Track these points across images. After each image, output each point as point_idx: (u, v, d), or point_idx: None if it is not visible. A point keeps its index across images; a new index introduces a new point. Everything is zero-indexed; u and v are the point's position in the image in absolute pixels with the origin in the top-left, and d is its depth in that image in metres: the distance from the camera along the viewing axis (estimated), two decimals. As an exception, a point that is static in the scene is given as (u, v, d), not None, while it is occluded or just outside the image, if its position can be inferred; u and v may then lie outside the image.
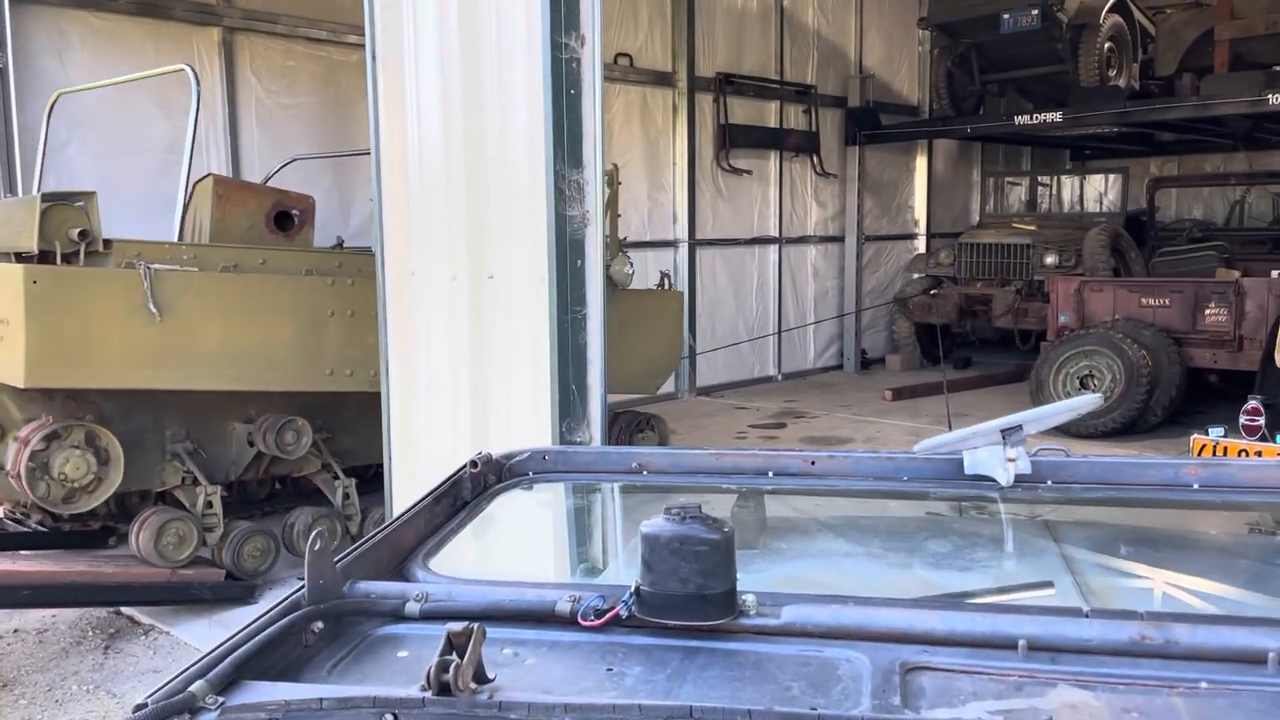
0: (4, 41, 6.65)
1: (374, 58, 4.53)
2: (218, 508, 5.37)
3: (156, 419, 5.36)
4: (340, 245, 6.80)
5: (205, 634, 5.03)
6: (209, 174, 6.49)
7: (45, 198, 4.82)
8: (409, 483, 4.66)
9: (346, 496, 5.77)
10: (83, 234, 4.78)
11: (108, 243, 4.93)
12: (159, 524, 5.16)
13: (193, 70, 5.49)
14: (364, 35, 4.61)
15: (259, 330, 5.30)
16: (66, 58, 7.08)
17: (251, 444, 5.55)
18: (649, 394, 7.81)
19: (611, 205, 7.29)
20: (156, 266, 4.95)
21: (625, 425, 7.56)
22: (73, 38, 7.11)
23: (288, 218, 5.92)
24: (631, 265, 7.03)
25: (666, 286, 7.44)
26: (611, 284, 6.78)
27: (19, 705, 4.38)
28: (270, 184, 7.00)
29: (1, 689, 4.52)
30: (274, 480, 6.14)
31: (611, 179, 7.35)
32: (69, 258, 4.81)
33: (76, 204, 4.85)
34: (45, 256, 4.81)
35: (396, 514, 1.88)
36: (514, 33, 4.13)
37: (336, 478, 5.80)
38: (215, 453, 5.58)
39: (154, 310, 4.90)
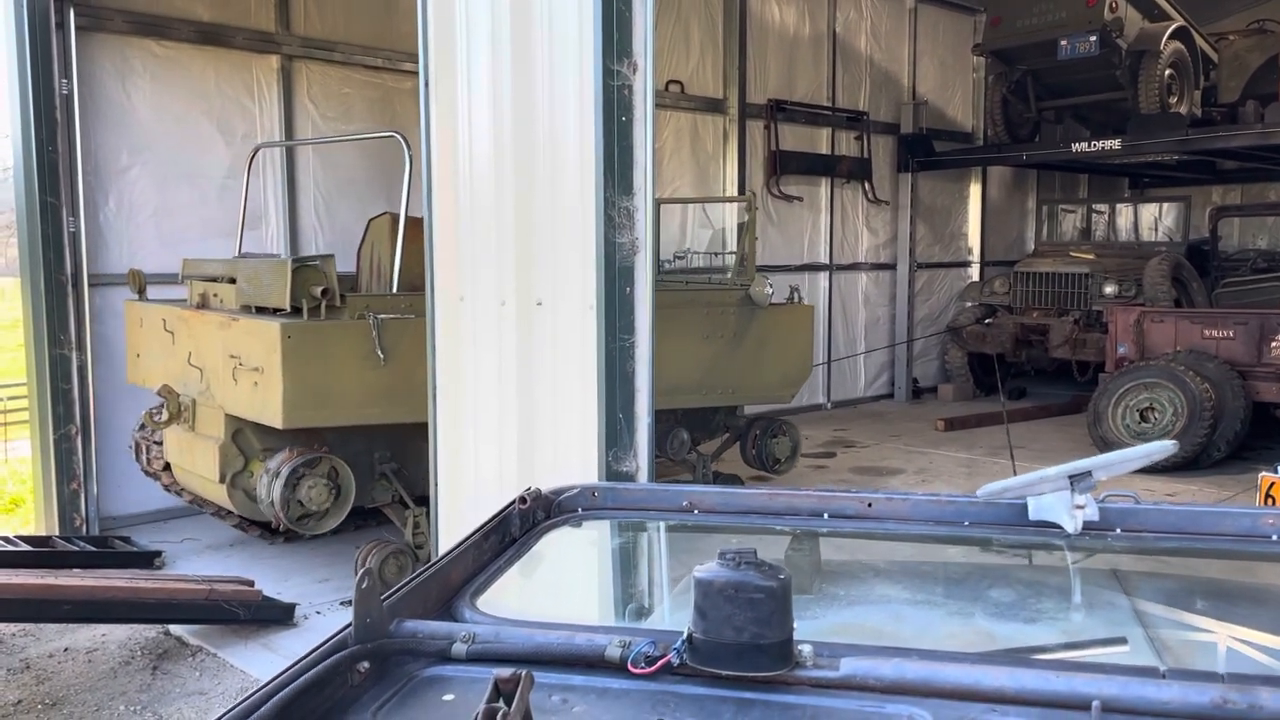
0: (70, 68, 6.82)
1: (427, 84, 4.55)
2: (425, 526, 5.78)
3: (369, 443, 5.89)
4: None
5: (253, 657, 5.05)
6: (385, 213, 6.97)
7: (294, 260, 5.40)
8: (454, 511, 4.64)
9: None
10: (324, 291, 5.34)
11: (343, 297, 5.46)
12: (382, 556, 5.68)
13: (404, 138, 5.87)
14: (418, 63, 4.65)
15: None
16: (129, 84, 7.25)
17: None
18: (784, 404, 7.86)
19: (749, 229, 7.34)
20: (383, 316, 5.40)
21: (761, 431, 7.55)
22: (135, 64, 7.27)
23: None
24: (770, 286, 7.04)
25: (796, 300, 7.46)
26: (750, 304, 6.85)
27: (68, 724, 4.41)
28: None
29: (50, 707, 4.56)
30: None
31: (750, 204, 7.44)
32: (312, 311, 5.31)
33: (315, 264, 5.41)
34: (292, 311, 5.33)
35: (444, 547, 1.85)
36: (566, 59, 4.12)
37: None
38: (414, 471, 6.01)
39: (380, 354, 5.40)
